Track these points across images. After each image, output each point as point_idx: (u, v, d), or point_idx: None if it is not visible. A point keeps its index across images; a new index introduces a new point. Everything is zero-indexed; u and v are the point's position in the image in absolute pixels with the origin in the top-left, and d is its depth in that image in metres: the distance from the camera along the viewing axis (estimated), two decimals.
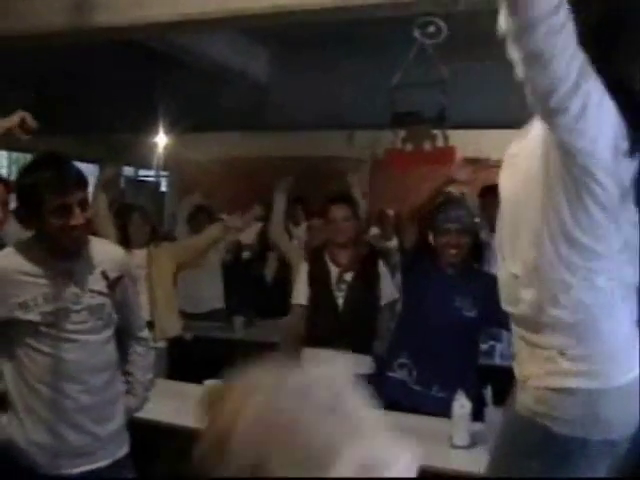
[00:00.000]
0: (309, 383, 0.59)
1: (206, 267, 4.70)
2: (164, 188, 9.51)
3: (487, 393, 2.41)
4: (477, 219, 3.54)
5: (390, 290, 3.22)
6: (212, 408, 0.63)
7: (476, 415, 2.37)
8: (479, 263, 3.02)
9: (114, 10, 3.00)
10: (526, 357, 1.53)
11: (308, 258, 3.39)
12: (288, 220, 5.43)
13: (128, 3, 2.98)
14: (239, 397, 0.61)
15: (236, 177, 7.73)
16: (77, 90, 5.61)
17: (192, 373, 3.24)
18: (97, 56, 4.71)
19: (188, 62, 4.87)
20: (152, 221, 4.14)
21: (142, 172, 9.67)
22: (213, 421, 0.62)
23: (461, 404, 2.35)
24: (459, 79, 3.42)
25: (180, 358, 3.81)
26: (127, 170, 9.23)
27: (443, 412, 2.45)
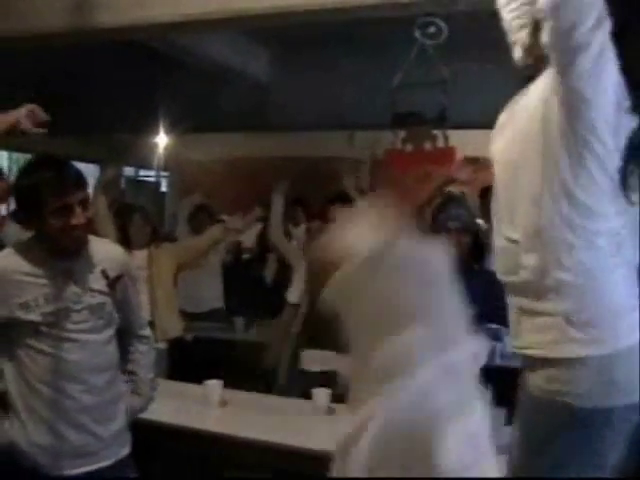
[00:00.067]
0: (412, 255, 0.61)
1: (206, 267, 4.71)
2: (164, 188, 9.51)
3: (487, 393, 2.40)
4: (479, 220, 3.54)
5: None
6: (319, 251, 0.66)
7: None
8: (479, 263, 3.02)
9: (115, 10, 3.00)
10: (527, 327, 1.51)
11: (307, 258, 3.39)
12: (288, 221, 5.44)
13: (129, 3, 2.98)
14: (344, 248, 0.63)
15: (237, 177, 7.73)
16: (78, 90, 5.60)
17: (192, 373, 3.24)
18: (98, 56, 4.71)
19: (189, 62, 4.87)
20: (153, 222, 4.15)
21: (143, 172, 9.66)
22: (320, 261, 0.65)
23: None
24: (459, 79, 3.42)
25: (180, 359, 3.81)
26: (128, 170, 9.23)
27: None
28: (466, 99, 4.16)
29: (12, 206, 4.24)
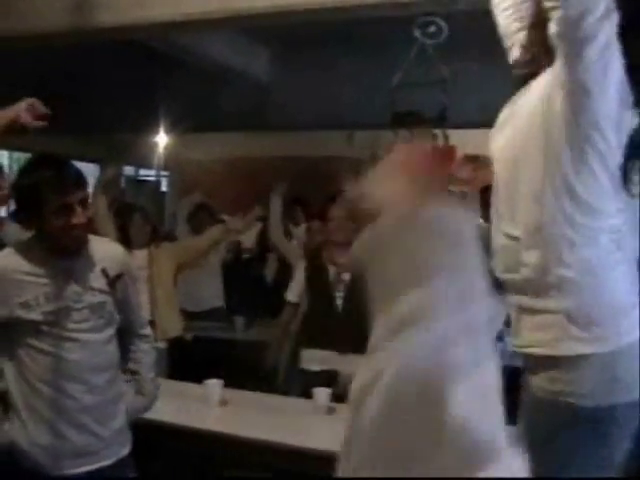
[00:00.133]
0: (444, 215, 0.62)
1: (206, 266, 4.71)
2: (165, 188, 9.51)
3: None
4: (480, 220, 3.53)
5: None
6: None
7: None
8: None
9: (115, 10, 3.00)
10: (527, 326, 1.50)
11: (306, 258, 3.40)
12: (288, 220, 5.45)
13: (129, 3, 2.98)
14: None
15: (237, 177, 7.73)
16: (78, 90, 5.60)
17: (192, 373, 3.24)
18: (98, 56, 4.71)
19: (189, 62, 4.87)
20: (153, 221, 4.15)
21: (143, 172, 9.66)
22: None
23: None
24: (459, 79, 3.42)
25: (180, 358, 3.82)
26: (128, 170, 9.23)
27: None
28: (466, 99, 4.16)
29: (12, 207, 4.24)
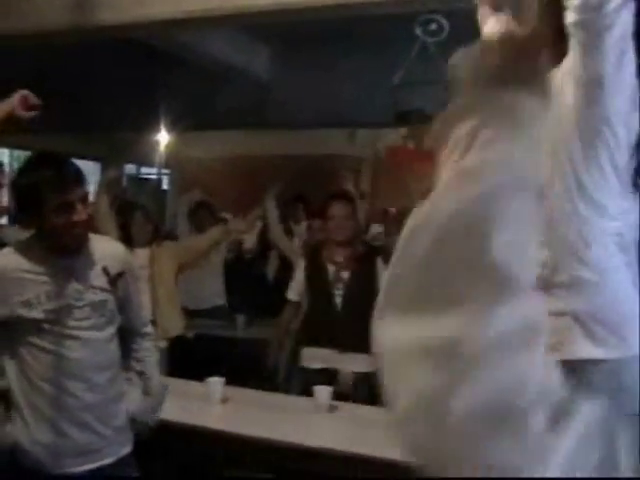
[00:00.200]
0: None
1: (208, 265, 4.71)
2: (166, 186, 9.51)
3: None
4: None
5: None
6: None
7: None
8: None
9: (116, 8, 2.99)
10: None
11: (305, 256, 3.40)
12: (289, 218, 5.44)
13: (129, 1, 2.98)
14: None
15: (237, 175, 7.73)
16: (78, 88, 5.60)
17: (194, 371, 3.24)
18: (98, 54, 4.70)
19: (189, 60, 4.87)
20: (154, 220, 4.15)
21: (144, 170, 9.66)
22: None
23: None
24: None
25: (182, 356, 3.82)
26: (129, 168, 9.23)
27: None
28: None
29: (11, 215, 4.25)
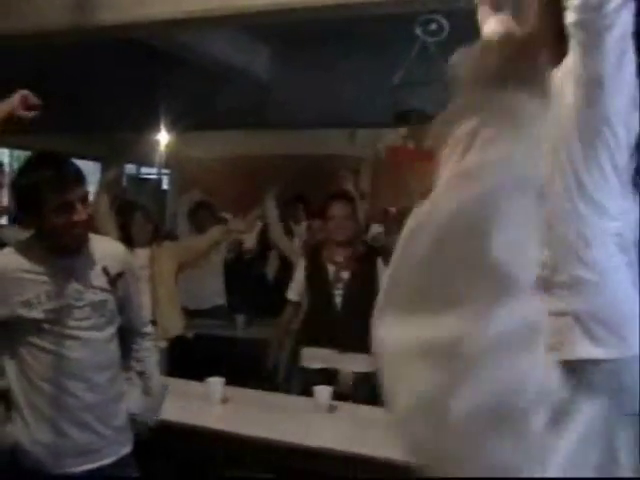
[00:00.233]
0: None
1: (208, 265, 4.72)
2: (166, 186, 9.51)
3: None
4: None
5: None
6: None
7: None
8: None
9: (116, 8, 2.99)
10: None
11: (305, 256, 3.40)
12: (289, 218, 5.45)
13: (130, 1, 2.98)
14: None
15: (237, 175, 7.73)
16: (79, 88, 5.60)
17: (194, 371, 3.24)
18: (98, 54, 4.70)
19: (190, 60, 4.87)
20: (154, 220, 4.16)
21: (144, 170, 9.66)
22: None
23: None
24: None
25: (182, 356, 3.82)
26: (129, 168, 9.23)
27: None
28: None
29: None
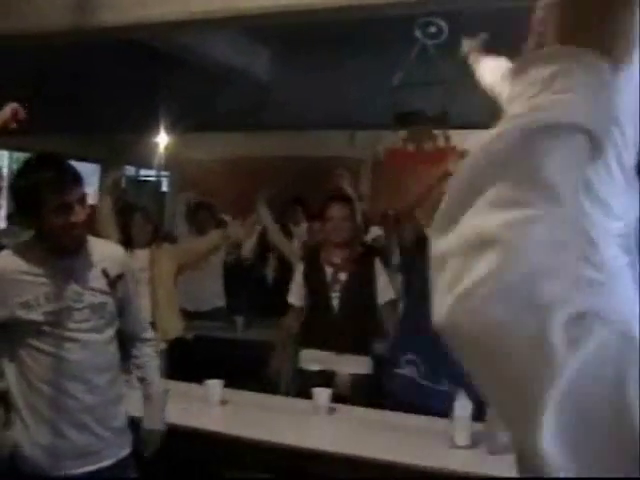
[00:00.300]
0: None
1: (207, 267, 4.71)
2: (165, 188, 9.51)
3: None
4: None
5: (387, 290, 3.20)
6: None
7: (477, 415, 2.37)
8: None
9: (117, 9, 3.00)
10: None
11: (303, 258, 3.40)
12: (288, 220, 5.44)
13: (131, 2, 2.98)
14: None
15: (237, 177, 7.72)
16: (79, 90, 5.59)
17: (193, 373, 3.24)
18: (99, 55, 4.70)
19: (190, 62, 4.87)
20: (154, 221, 4.16)
21: (143, 172, 9.66)
22: None
23: (462, 404, 2.35)
24: (460, 79, 3.42)
25: (181, 358, 3.81)
26: (129, 170, 9.23)
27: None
28: (467, 99, 4.16)
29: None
